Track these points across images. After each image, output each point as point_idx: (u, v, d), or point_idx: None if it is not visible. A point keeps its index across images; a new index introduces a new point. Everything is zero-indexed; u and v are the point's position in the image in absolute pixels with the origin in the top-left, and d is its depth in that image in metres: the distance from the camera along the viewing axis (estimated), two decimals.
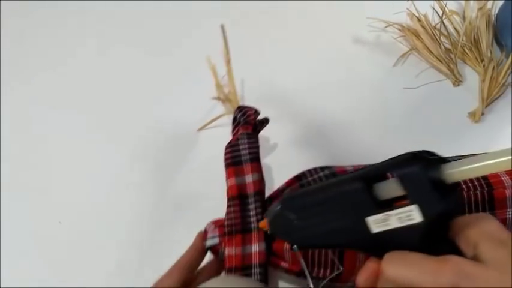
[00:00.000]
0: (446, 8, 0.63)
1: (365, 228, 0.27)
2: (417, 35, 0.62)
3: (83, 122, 0.61)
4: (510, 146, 0.24)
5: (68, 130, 0.61)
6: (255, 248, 0.40)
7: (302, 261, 0.36)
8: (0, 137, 0.61)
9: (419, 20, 0.63)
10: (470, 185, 0.38)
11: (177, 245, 0.42)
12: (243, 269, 0.40)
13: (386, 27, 0.65)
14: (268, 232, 0.35)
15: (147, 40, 0.70)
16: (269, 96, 0.60)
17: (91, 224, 0.52)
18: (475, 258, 0.25)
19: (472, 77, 0.60)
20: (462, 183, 0.37)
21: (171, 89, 0.63)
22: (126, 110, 0.62)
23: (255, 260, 0.40)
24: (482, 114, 0.56)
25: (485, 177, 0.38)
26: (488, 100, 0.56)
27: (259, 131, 0.49)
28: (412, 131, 0.56)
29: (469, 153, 0.43)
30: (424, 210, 0.25)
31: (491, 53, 0.60)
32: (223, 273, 0.41)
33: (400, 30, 0.64)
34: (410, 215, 0.25)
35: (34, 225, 0.52)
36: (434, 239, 0.26)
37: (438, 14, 0.63)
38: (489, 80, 0.56)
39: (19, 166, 0.58)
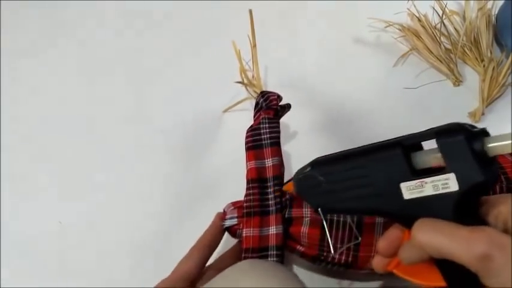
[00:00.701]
0: (446, 8, 0.63)
1: (397, 194, 0.28)
2: (417, 35, 0.62)
3: (95, 112, 0.62)
4: None
5: (73, 123, 0.61)
6: (272, 230, 0.41)
7: (325, 224, 0.36)
8: (0, 137, 0.61)
9: (419, 20, 0.63)
10: None
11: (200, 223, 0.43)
12: (259, 250, 0.40)
13: (386, 27, 0.65)
14: (294, 192, 0.35)
15: (177, 26, 0.72)
16: (292, 83, 0.62)
17: (93, 221, 0.52)
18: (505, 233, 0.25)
19: (472, 77, 0.60)
20: None
21: (198, 74, 0.65)
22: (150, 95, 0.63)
23: (272, 242, 0.40)
24: (482, 114, 0.56)
25: (501, 167, 0.39)
26: (488, 100, 0.56)
27: (281, 116, 0.49)
28: (412, 131, 0.55)
29: None
30: (461, 179, 0.25)
31: (491, 53, 0.60)
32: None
33: (400, 30, 0.64)
34: (447, 183, 0.26)
35: (34, 225, 0.52)
36: (466, 211, 0.26)
37: (438, 14, 0.63)
38: (489, 80, 0.56)
39: (19, 165, 0.58)
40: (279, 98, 0.49)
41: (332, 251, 0.39)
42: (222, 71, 0.62)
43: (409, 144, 0.28)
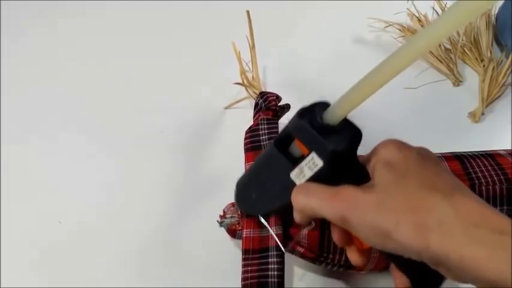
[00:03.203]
0: (446, 8, 0.63)
1: (293, 184, 0.30)
2: None
3: (96, 112, 0.62)
4: None
5: (73, 123, 0.61)
6: (272, 231, 0.40)
7: (265, 222, 0.40)
8: (0, 137, 0.61)
9: (419, 20, 0.64)
10: (489, 179, 0.39)
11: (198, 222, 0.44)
12: (260, 251, 0.40)
13: (386, 27, 0.65)
14: (239, 210, 0.41)
15: (177, 27, 0.72)
16: (291, 83, 0.62)
17: (93, 220, 0.52)
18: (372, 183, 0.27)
19: (472, 77, 0.60)
20: (481, 177, 0.39)
21: (199, 74, 0.65)
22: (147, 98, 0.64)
23: (272, 243, 0.40)
24: (482, 114, 0.56)
25: (500, 167, 0.39)
26: (488, 100, 0.56)
27: (280, 116, 0.49)
28: (411, 131, 0.56)
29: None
30: (319, 154, 0.28)
31: (491, 53, 0.60)
32: None
33: (400, 30, 0.64)
34: (314, 161, 0.28)
35: (34, 225, 0.52)
36: (344, 172, 0.28)
37: (438, 14, 0.63)
38: (489, 80, 0.57)
39: (19, 165, 0.58)
40: (278, 98, 0.49)
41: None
42: (222, 71, 0.62)
43: (281, 139, 0.31)
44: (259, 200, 0.36)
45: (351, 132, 0.28)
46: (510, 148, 0.43)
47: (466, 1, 0.20)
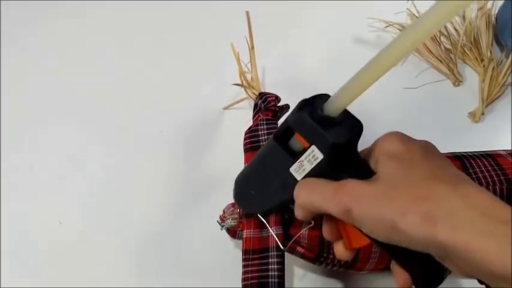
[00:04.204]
0: None
1: (293, 179, 0.30)
2: None
3: (98, 110, 0.62)
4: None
5: (73, 123, 0.61)
6: (272, 231, 0.40)
7: (264, 221, 0.40)
8: (0, 137, 0.61)
9: None
10: (489, 180, 0.39)
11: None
12: (260, 251, 0.40)
13: (386, 27, 0.65)
14: (239, 209, 0.40)
15: (177, 27, 0.72)
16: (291, 83, 0.62)
17: (93, 220, 0.52)
18: (375, 176, 0.27)
19: (472, 77, 0.60)
20: (482, 178, 0.39)
21: (199, 74, 0.65)
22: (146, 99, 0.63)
23: (272, 243, 0.40)
24: (482, 114, 0.56)
25: (500, 167, 0.39)
26: (488, 100, 0.56)
27: (280, 117, 0.49)
28: (411, 131, 0.55)
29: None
30: (319, 147, 0.27)
31: (491, 53, 0.60)
32: None
33: (400, 30, 0.64)
34: (314, 154, 0.28)
35: (34, 225, 0.52)
36: (344, 165, 0.28)
37: None
38: (489, 80, 0.57)
39: (19, 165, 0.58)
40: (277, 99, 0.49)
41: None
42: (222, 71, 0.62)
43: (281, 133, 0.30)
44: (259, 196, 0.35)
45: (351, 124, 0.28)
46: (510, 148, 0.43)
47: None
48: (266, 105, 0.48)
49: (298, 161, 0.29)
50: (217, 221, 0.44)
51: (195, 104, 0.61)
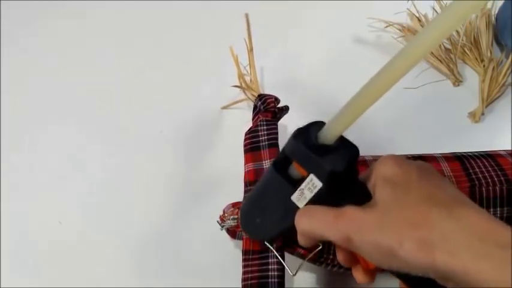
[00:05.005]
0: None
1: (295, 207, 0.30)
2: None
3: (97, 110, 0.62)
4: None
5: (73, 123, 0.61)
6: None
7: (271, 247, 0.39)
8: (0, 137, 0.61)
9: (419, 20, 0.63)
10: (489, 180, 0.39)
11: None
12: (260, 252, 0.40)
13: (386, 27, 0.65)
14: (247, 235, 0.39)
15: (176, 28, 0.72)
16: (290, 84, 0.62)
17: (93, 220, 0.52)
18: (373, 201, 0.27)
19: (472, 77, 0.60)
20: (482, 178, 0.39)
21: (199, 75, 0.65)
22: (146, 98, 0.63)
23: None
24: (482, 114, 0.56)
25: (500, 168, 0.39)
26: (488, 100, 0.56)
27: (279, 118, 0.49)
28: (411, 131, 0.56)
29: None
30: (318, 175, 0.27)
31: (491, 53, 0.60)
32: None
33: (400, 30, 0.64)
34: (313, 183, 0.28)
35: (34, 225, 0.52)
36: (345, 190, 0.28)
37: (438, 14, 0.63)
38: (489, 80, 0.57)
39: (19, 165, 0.58)
40: (277, 100, 0.49)
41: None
42: (222, 72, 0.62)
43: (279, 162, 0.30)
44: (263, 224, 0.35)
45: (347, 150, 0.28)
46: (510, 148, 0.43)
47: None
48: (265, 107, 0.48)
49: (299, 189, 0.29)
50: (217, 221, 0.44)
51: (195, 104, 0.61)
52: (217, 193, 0.51)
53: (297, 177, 0.30)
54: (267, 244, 0.38)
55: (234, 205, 0.43)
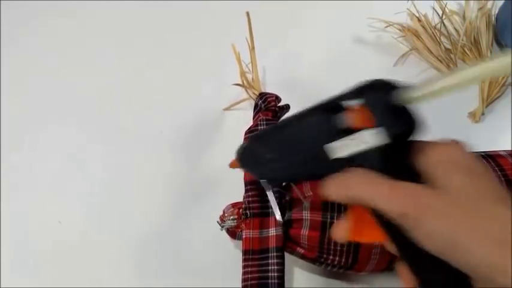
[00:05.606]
0: (446, 8, 0.63)
1: (328, 156, 0.28)
2: (417, 35, 0.62)
3: (97, 109, 0.62)
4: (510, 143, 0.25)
5: (74, 123, 0.61)
6: (272, 232, 0.41)
7: (268, 188, 0.38)
8: (0, 137, 0.61)
9: (419, 20, 0.63)
10: None
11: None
12: (260, 252, 0.40)
13: (386, 27, 0.65)
14: (240, 167, 0.36)
15: (176, 28, 0.72)
16: (291, 83, 0.62)
17: (93, 220, 0.52)
18: (433, 184, 0.25)
19: None
20: None
21: (199, 75, 0.65)
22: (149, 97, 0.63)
23: (272, 243, 0.40)
24: (482, 114, 0.56)
25: (501, 168, 0.39)
26: (488, 100, 0.56)
27: (280, 117, 0.49)
28: None
29: None
30: (386, 132, 0.26)
31: (491, 53, 0.60)
32: None
33: (400, 30, 0.64)
34: (370, 138, 0.26)
35: (34, 225, 0.52)
36: (395, 163, 0.27)
37: (438, 14, 0.63)
38: (489, 80, 0.57)
39: (19, 165, 0.58)
40: (278, 99, 0.49)
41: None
42: (223, 72, 0.62)
43: (331, 106, 0.28)
44: (274, 162, 0.32)
45: (415, 119, 0.27)
46: (510, 148, 0.43)
47: None
48: (266, 106, 0.48)
49: (347, 138, 0.27)
50: (217, 222, 0.44)
51: (195, 104, 0.61)
52: (217, 193, 0.51)
53: (344, 126, 0.27)
54: (263, 184, 0.36)
55: (234, 205, 0.43)
